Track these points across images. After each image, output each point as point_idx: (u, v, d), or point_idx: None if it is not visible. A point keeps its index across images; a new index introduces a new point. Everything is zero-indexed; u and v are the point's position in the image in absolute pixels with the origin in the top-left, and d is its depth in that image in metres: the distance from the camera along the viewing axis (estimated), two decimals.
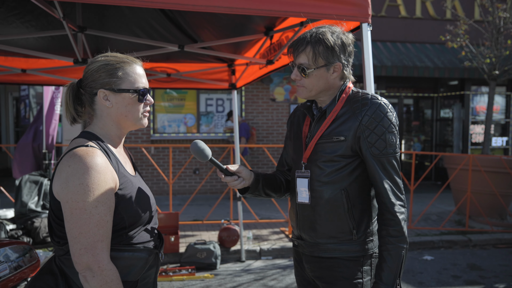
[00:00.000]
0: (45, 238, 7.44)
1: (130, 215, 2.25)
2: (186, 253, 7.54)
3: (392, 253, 2.50)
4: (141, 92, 2.35)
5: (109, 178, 2.15)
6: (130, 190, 2.29)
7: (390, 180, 2.53)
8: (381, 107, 2.54)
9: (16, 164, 8.48)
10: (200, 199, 13.20)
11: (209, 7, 2.99)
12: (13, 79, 6.95)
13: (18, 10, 4.61)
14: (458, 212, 11.01)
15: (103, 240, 2.09)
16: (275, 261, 8.09)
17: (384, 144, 2.52)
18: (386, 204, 2.52)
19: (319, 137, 2.66)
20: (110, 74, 2.30)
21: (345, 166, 2.60)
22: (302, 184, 2.71)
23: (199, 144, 2.53)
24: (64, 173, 2.12)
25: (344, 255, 2.64)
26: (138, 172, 2.56)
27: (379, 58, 14.15)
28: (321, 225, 2.66)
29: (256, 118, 14.64)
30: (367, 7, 3.30)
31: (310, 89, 2.66)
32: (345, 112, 2.62)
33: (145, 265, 2.32)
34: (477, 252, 8.73)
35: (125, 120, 2.36)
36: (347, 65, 2.67)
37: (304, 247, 2.78)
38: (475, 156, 10.23)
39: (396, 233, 2.50)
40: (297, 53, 2.64)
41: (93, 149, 2.17)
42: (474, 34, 13.24)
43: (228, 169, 2.67)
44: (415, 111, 17.50)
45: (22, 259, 3.52)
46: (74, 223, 2.08)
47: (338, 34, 2.61)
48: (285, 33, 5.17)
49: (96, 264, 2.06)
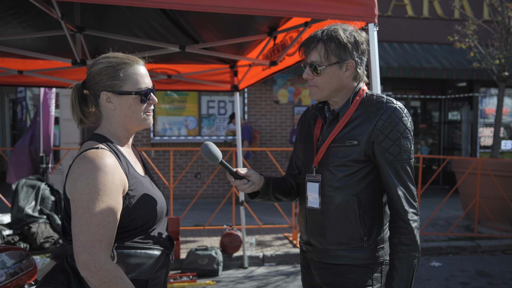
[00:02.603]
0: (42, 244, 7.43)
1: (141, 215, 2.33)
2: (187, 259, 7.53)
3: (403, 261, 2.49)
4: (143, 93, 2.39)
5: (116, 180, 2.22)
6: (141, 191, 2.36)
7: (403, 187, 2.52)
8: (396, 111, 2.53)
9: (12, 168, 8.47)
10: (201, 204, 13.19)
11: (211, 7, 3.00)
12: (9, 80, 6.93)
13: (15, 9, 4.62)
14: (466, 217, 10.98)
15: (102, 240, 2.13)
16: (278, 267, 8.08)
17: (398, 150, 2.51)
18: (399, 212, 2.51)
19: (331, 140, 2.65)
20: (111, 76, 2.35)
21: (357, 172, 2.59)
22: (313, 188, 2.70)
23: (210, 146, 2.54)
24: (74, 174, 2.21)
25: (354, 262, 2.63)
26: (148, 173, 2.60)
27: (385, 59, 14.13)
28: (331, 231, 2.65)
29: (259, 120, 14.63)
30: (374, 6, 3.30)
31: (323, 88, 2.64)
32: (359, 116, 2.60)
33: (156, 264, 2.39)
34: (486, 258, 8.71)
35: (129, 121, 2.42)
36: (361, 64, 2.65)
37: (312, 253, 2.77)
38: (484, 159, 10.20)
39: (408, 242, 2.49)
40: (308, 51, 2.63)
41: (102, 151, 2.25)
42: (483, 34, 13.20)
43: (238, 172, 2.66)
44: (423, 113, 17.47)
45: (19, 265, 3.51)
46: (76, 221, 2.15)
47: (351, 31, 2.61)
48: (289, 34, 5.17)
49: (92, 264, 2.10)
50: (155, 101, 2.48)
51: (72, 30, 4.91)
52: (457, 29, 12.53)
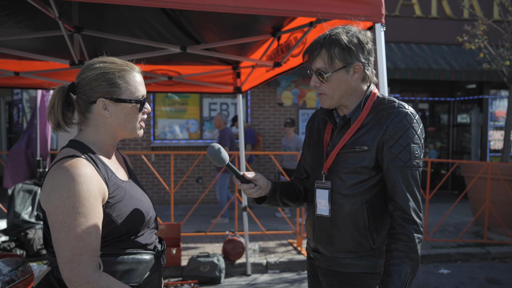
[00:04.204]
0: (39, 251, 7.44)
1: (124, 223, 2.28)
2: (189, 266, 7.52)
3: (398, 268, 2.46)
4: (142, 101, 2.38)
5: (93, 189, 2.17)
6: (122, 198, 2.32)
7: (412, 196, 2.50)
8: (407, 116, 2.52)
9: (8, 173, 8.47)
10: (203, 209, 13.18)
11: (214, 6, 2.99)
12: (5, 82, 6.95)
13: (11, 9, 4.62)
14: (476, 223, 10.95)
15: (82, 253, 2.11)
16: (282, 274, 8.07)
17: (408, 156, 2.49)
18: (405, 220, 2.49)
19: (341, 146, 2.63)
20: (110, 83, 2.31)
21: (368, 179, 2.59)
22: (322, 195, 2.69)
23: (217, 148, 2.52)
24: (48, 186, 2.17)
25: (363, 270, 2.63)
26: (132, 176, 2.57)
27: (392, 60, 14.13)
28: (339, 239, 2.65)
29: (262, 123, 14.63)
30: (381, 6, 3.29)
31: (332, 95, 2.62)
32: (370, 121, 2.59)
33: (146, 268, 2.37)
34: (496, 266, 8.69)
35: (122, 130, 2.40)
36: (368, 65, 2.63)
37: (320, 260, 2.77)
38: (494, 164, 10.19)
39: (407, 249, 2.47)
40: (312, 58, 2.61)
41: (77, 160, 2.20)
42: (493, 34, 13.18)
43: (245, 176, 2.64)
44: (431, 116, 17.45)
45: (15, 272, 3.50)
46: (55, 236, 2.13)
47: (354, 32, 2.59)
48: (293, 34, 5.16)
49: (73, 279, 2.09)
50: (149, 110, 2.46)
51: (70, 30, 4.91)
52: (467, 29, 12.51)
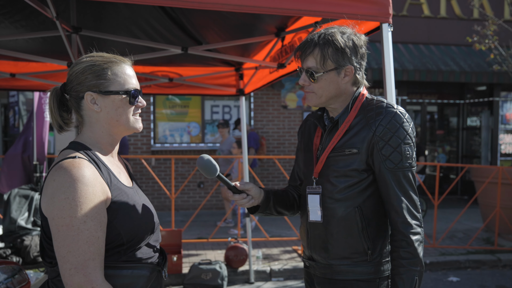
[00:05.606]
0: (36, 258, 7.44)
1: (127, 230, 2.23)
2: (190, 274, 7.52)
3: (403, 277, 2.47)
4: (132, 93, 2.33)
5: (98, 191, 2.13)
6: (126, 203, 2.27)
7: (405, 197, 2.51)
8: (396, 116, 2.53)
9: (4, 178, 8.46)
10: (205, 215, 13.18)
11: (216, 4, 2.97)
12: (1, 84, 6.93)
13: (7, 9, 4.62)
14: (486, 229, 10.93)
15: (94, 258, 2.07)
16: (286, 282, 8.05)
17: (399, 157, 2.50)
18: (401, 224, 2.50)
19: (330, 150, 2.65)
20: (97, 75, 2.28)
21: (359, 182, 2.59)
22: (314, 201, 2.70)
23: (206, 158, 2.51)
24: (50, 188, 2.11)
25: (358, 277, 2.62)
26: (135, 183, 2.54)
27: (400, 61, 14.12)
28: (334, 245, 2.65)
29: (266, 126, 14.63)
30: (388, 5, 3.28)
31: (320, 95, 2.64)
32: (359, 122, 2.60)
33: (147, 283, 2.31)
34: (507, 273, 8.66)
35: (116, 125, 2.35)
36: (360, 69, 2.66)
37: (315, 268, 2.78)
38: (505, 168, 10.17)
39: (408, 255, 2.48)
40: (304, 56, 2.63)
41: (80, 161, 2.16)
42: (504, 35, 13.18)
43: (236, 186, 2.64)
44: (440, 119, 17.44)
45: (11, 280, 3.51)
46: (61, 241, 2.06)
47: (349, 35, 2.61)
48: (298, 34, 5.15)
49: (89, 285, 2.04)
50: (143, 104, 2.41)
51: (67, 30, 4.90)
52: (477, 30, 12.47)
